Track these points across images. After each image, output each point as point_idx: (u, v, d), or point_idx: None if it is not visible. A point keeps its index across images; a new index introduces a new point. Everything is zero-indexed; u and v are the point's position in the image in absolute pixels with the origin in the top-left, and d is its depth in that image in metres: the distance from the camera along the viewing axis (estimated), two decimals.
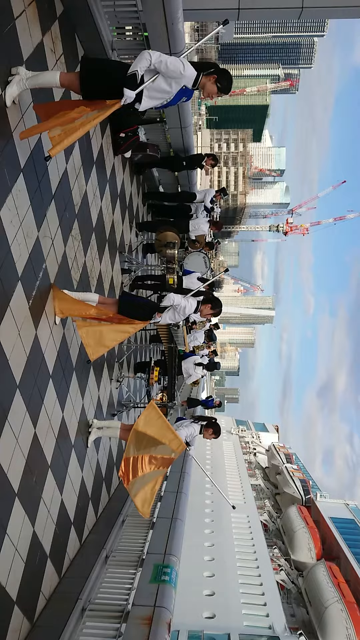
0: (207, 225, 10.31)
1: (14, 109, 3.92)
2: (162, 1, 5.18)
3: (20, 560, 4.07)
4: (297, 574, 20.01)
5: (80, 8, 5.23)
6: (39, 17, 4.44)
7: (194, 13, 8.13)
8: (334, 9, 8.25)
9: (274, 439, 38.48)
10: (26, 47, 4.19)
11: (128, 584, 5.16)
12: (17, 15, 3.99)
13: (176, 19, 5.49)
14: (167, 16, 5.41)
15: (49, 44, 4.70)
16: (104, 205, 7.04)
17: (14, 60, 3.95)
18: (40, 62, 4.50)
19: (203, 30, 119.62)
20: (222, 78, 4.33)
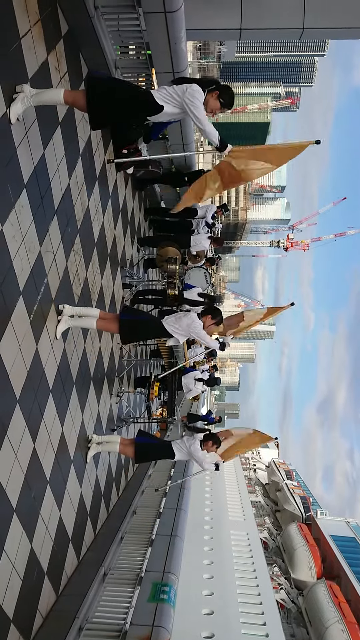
0: (208, 241, 10.35)
1: (19, 126, 3.97)
2: (165, 21, 5.27)
3: (17, 578, 4.02)
4: (297, 593, 19.75)
5: (85, 27, 5.32)
6: (44, 36, 4.52)
7: (197, 33, 8.25)
8: (333, 30, 8.38)
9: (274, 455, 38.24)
10: (31, 65, 4.25)
11: (126, 602, 5.10)
12: (22, 35, 4.06)
13: (179, 39, 5.58)
14: (170, 36, 5.50)
15: (53, 62, 4.77)
16: (105, 220, 7.08)
17: (19, 78, 4.01)
18: (45, 80, 4.56)
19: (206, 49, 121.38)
20: (224, 94, 4.46)
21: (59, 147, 5.00)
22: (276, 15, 8.29)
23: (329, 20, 8.29)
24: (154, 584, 5.39)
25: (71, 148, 5.39)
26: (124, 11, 5.70)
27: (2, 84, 3.67)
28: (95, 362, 6.66)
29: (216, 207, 10.73)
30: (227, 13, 8.11)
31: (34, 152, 4.35)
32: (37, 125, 4.37)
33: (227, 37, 9.00)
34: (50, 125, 4.78)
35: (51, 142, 4.76)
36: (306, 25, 8.21)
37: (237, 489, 25.75)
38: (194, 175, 10.13)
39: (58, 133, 4.95)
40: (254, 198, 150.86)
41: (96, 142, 6.40)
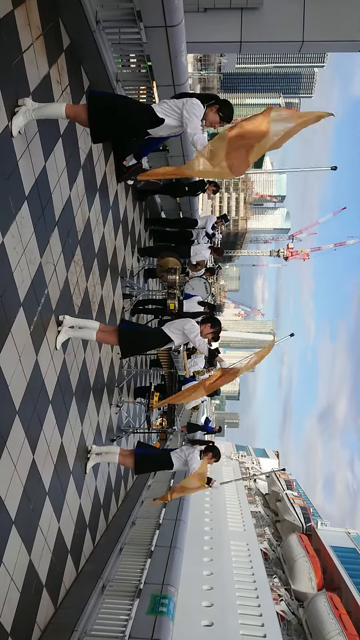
0: (209, 251, 10.40)
1: (20, 139, 4.00)
2: (166, 35, 5.34)
3: (15, 590, 4.00)
4: (297, 605, 19.56)
5: (87, 41, 5.38)
6: (46, 50, 4.57)
7: (198, 46, 8.37)
8: (332, 43, 8.49)
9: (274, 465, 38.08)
10: (33, 79, 4.29)
11: (125, 614, 5.07)
12: (25, 49, 4.10)
13: (180, 53, 5.64)
14: (171, 50, 5.57)
15: (55, 75, 4.82)
16: (106, 231, 7.11)
17: (21, 91, 4.05)
18: (47, 93, 4.61)
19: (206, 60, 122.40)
20: (223, 108, 4.53)
21: (60, 159, 5.04)
22: (276, 28, 8.40)
23: (328, 33, 8.40)
24: (153, 596, 5.36)
25: (72, 160, 5.43)
26: (125, 25, 5.77)
27: (4, 98, 3.71)
28: (95, 373, 6.67)
29: (216, 217, 10.80)
30: (228, 26, 8.22)
31: (36, 164, 4.38)
32: (39, 138, 4.41)
33: (228, 50, 9.12)
34: (52, 138, 4.82)
35: (52, 154, 4.80)
36: (305, 38, 8.32)
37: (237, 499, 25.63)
38: (195, 185, 10.21)
39: (59, 145, 4.99)
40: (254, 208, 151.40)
41: (97, 154, 6.45)
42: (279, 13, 8.27)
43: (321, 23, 8.25)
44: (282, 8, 8.25)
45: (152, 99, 7.22)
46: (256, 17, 8.23)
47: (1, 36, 3.70)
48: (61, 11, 4.90)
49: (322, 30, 8.34)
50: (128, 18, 5.60)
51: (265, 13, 8.25)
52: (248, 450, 41.55)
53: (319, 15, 8.19)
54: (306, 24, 8.24)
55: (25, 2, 4.09)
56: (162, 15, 5.03)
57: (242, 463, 37.00)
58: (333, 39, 8.37)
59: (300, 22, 8.24)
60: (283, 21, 8.29)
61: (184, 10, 5.16)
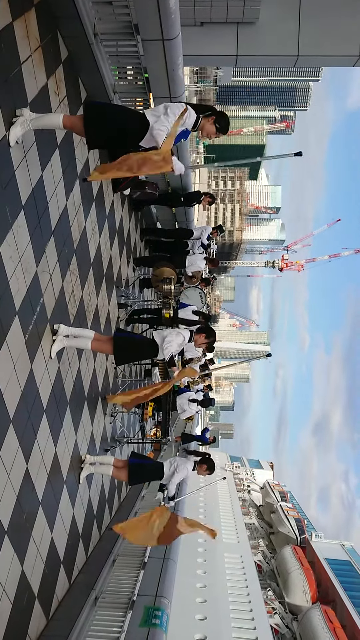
0: (204, 262, 10.43)
1: (18, 149, 4.03)
2: (163, 49, 5.39)
3: (7, 601, 3.97)
4: (291, 618, 19.39)
5: (84, 53, 5.44)
6: (44, 61, 4.61)
7: (194, 59, 8.47)
8: (327, 58, 8.61)
9: (268, 476, 37.92)
10: (31, 89, 4.33)
11: (117, 627, 5.01)
12: (23, 60, 4.15)
13: (176, 65, 5.70)
14: (168, 62, 5.62)
15: (53, 86, 4.86)
16: (102, 240, 7.14)
17: (19, 102, 4.08)
18: (44, 104, 4.65)
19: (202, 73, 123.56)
20: (220, 119, 4.55)
21: (57, 169, 5.07)
22: (271, 42, 8.52)
23: (323, 48, 8.52)
24: (146, 608, 5.31)
25: (69, 170, 5.46)
26: (122, 38, 5.83)
27: (2, 108, 3.74)
28: (89, 382, 6.66)
29: (212, 228, 10.85)
30: (224, 40, 8.33)
31: (32, 174, 4.41)
32: (36, 148, 4.44)
33: (224, 63, 9.23)
34: (49, 148, 4.86)
35: (49, 164, 4.83)
36: (301, 52, 8.44)
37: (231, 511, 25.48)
38: (190, 196, 10.27)
39: (56, 155, 5.03)
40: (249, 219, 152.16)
41: (94, 164, 6.49)
42: (275, 28, 8.40)
43: (316, 38, 8.38)
44: (277, 23, 8.39)
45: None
46: (252, 31, 8.36)
47: (0, 47, 3.74)
48: (59, 23, 4.95)
49: (317, 45, 8.47)
50: (125, 31, 5.66)
51: (261, 27, 8.38)
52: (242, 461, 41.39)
53: (314, 30, 8.32)
54: (301, 39, 8.36)
55: (24, 14, 4.14)
56: (159, 28, 5.09)
57: (237, 474, 36.83)
58: (328, 53, 8.50)
59: (296, 37, 8.36)
60: (278, 36, 8.42)
61: (181, 24, 5.22)
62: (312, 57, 8.65)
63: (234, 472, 36.76)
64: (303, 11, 8.27)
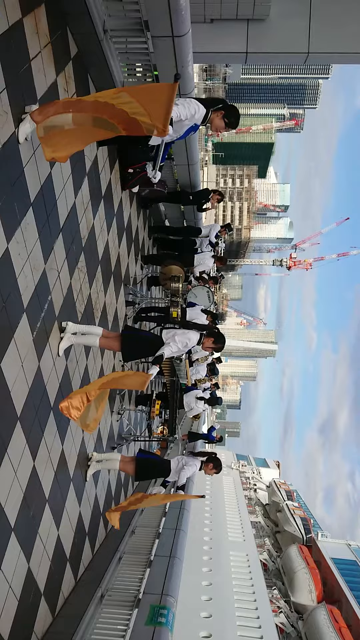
0: (212, 260, 10.40)
1: (26, 146, 4.02)
2: (173, 45, 5.36)
3: (13, 598, 3.97)
4: (297, 617, 19.36)
5: (94, 50, 5.42)
6: (53, 58, 4.60)
7: (204, 56, 8.42)
8: (337, 55, 8.53)
9: (275, 475, 37.84)
10: (40, 86, 4.32)
11: (123, 625, 5.01)
12: (33, 57, 4.13)
13: (186, 63, 5.67)
14: (178, 59, 5.59)
15: (62, 83, 4.85)
16: (110, 238, 7.13)
17: (28, 99, 4.07)
18: (53, 100, 4.63)
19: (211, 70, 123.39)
20: (229, 114, 4.50)
21: (66, 166, 5.06)
22: (281, 40, 8.45)
23: (333, 45, 8.45)
24: (152, 607, 5.31)
25: (78, 167, 5.45)
26: (132, 35, 5.80)
27: (11, 105, 3.73)
28: None
29: (220, 226, 10.81)
30: (234, 37, 8.28)
31: (41, 171, 4.40)
32: None
33: (233, 60, 9.17)
34: None
35: None
36: (311, 50, 8.36)
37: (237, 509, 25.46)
38: (199, 194, 10.23)
39: None
40: (258, 217, 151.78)
41: (102, 162, 6.48)
42: (285, 25, 8.33)
43: (326, 35, 8.30)
44: (287, 20, 8.31)
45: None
46: (262, 28, 8.29)
47: (10, 43, 3.73)
48: (69, 20, 4.94)
49: (327, 42, 8.40)
50: (135, 28, 5.63)
51: (271, 25, 8.31)
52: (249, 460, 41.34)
53: (324, 28, 8.25)
54: (312, 36, 8.29)
55: (34, 10, 4.13)
56: (169, 25, 5.06)
57: (243, 473, 36.80)
58: (338, 50, 8.42)
59: (306, 34, 8.29)
60: (289, 33, 8.35)
61: (190, 20, 5.19)
62: (323, 55, 8.57)
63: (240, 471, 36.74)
64: (314, 8, 8.19)
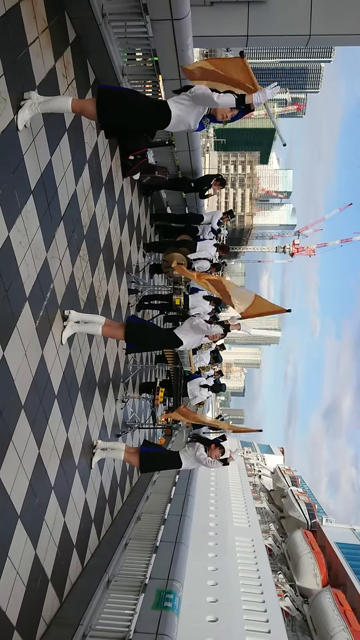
0: (214, 247, 10.35)
1: (26, 133, 3.99)
2: (172, 29, 5.30)
3: (21, 584, 4.01)
4: (302, 601, 19.58)
5: (93, 34, 5.35)
6: (52, 43, 4.54)
7: (204, 40, 8.29)
8: (340, 37, 8.40)
9: (279, 461, 38.06)
10: (39, 72, 4.27)
11: (130, 609, 5.07)
12: (30, 42, 4.08)
13: (186, 46, 5.60)
14: (177, 43, 5.53)
15: (61, 69, 4.80)
16: (112, 226, 7.10)
17: (27, 85, 4.03)
18: (52, 87, 4.59)
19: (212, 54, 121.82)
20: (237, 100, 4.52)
21: (66, 153, 5.02)
22: (283, 22, 8.32)
23: (336, 27, 8.31)
24: (158, 592, 5.37)
25: (78, 154, 5.41)
26: (131, 19, 5.73)
27: (10, 91, 3.69)
28: (100, 368, 6.66)
29: (222, 213, 10.75)
30: (234, 20, 8.14)
31: (41, 158, 4.37)
32: (45, 132, 4.40)
33: (234, 44, 9.04)
34: (58, 132, 4.81)
35: (58, 148, 4.78)
36: (313, 32, 8.23)
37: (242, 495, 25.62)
38: (201, 181, 10.16)
39: (65, 139, 4.98)
40: (260, 204, 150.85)
41: (103, 148, 6.43)
42: (286, 6, 8.18)
43: (329, 16, 8.16)
44: (289, 1, 8.17)
45: (158, 92, 7.18)
46: (263, 10, 8.15)
47: (7, 29, 3.68)
48: (67, 4, 4.87)
49: (330, 24, 8.26)
50: (134, 11, 5.56)
51: (272, 6, 8.17)
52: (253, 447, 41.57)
53: (326, 9, 8.11)
54: (313, 18, 8.15)
55: None
56: (168, 7, 4.99)
57: (247, 459, 37.01)
58: (341, 32, 8.29)
59: (308, 16, 8.15)
60: (290, 15, 8.21)
61: (190, 3, 5.12)
62: (325, 37, 8.43)
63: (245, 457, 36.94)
64: None
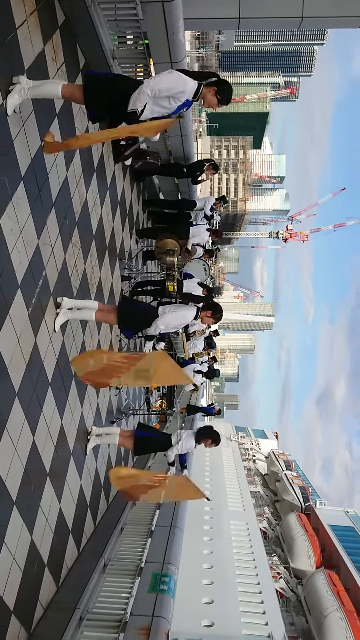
0: (207, 233, 10.33)
1: (15, 118, 3.94)
2: (162, 11, 5.22)
3: (17, 569, 4.05)
4: (296, 582, 19.87)
5: (82, 17, 5.27)
6: (40, 26, 4.47)
7: (195, 22, 8.19)
8: (332, 19, 8.31)
9: (273, 446, 38.33)
10: (27, 56, 4.21)
11: (126, 593, 5.13)
12: (18, 25, 4.02)
13: (177, 29, 5.53)
14: (168, 26, 5.45)
15: (50, 53, 4.73)
16: (104, 212, 7.06)
17: (16, 69, 3.98)
18: (42, 71, 4.52)
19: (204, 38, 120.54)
20: (222, 90, 4.38)
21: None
22: (275, 3, 8.22)
23: (328, 8, 8.22)
24: (154, 575, 5.42)
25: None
26: (120, 0, 5.64)
27: None
28: None
29: (215, 199, 10.70)
30: (226, 2, 8.03)
31: (31, 144, 4.32)
32: (34, 117, 4.35)
33: (226, 26, 8.93)
34: (48, 117, 4.76)
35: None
36: (305, 14, 8.14)
37: (237, 480, 25.87)
38: (193, 166, 10.10)
39: (55, 125, 4.93)
40: (253, 189, 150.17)
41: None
42: None
43: None
44: None
45: (149, 77, 7.09)
46: None
47: None
48: None
49: (322, 6, 8.17)
50: None
51: None
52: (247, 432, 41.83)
53: None
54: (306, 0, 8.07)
55: None
56: None
57: (242, 444, 37.27)
58: (333, 14, 8.20)
59: None
60: None
61: None
62: (317, 19, 8.34)
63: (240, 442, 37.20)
64: None
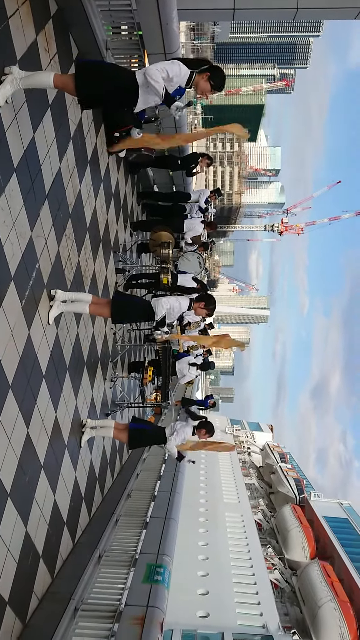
0: (202, 225, 10.31)
1: (7, 109, 3.91)
2: (156, 1, 5.18)
3: (12, 561, 4.06)
4: (290, 573, 20.05)
5: (75, 7, 5.23)
6: (32, 16, 4.43)
7: (189, 13, 8.13)
8: (328, 10, 8.27)
9: (268, 438, 38.52)
10: (20, 46, 4.17)
11: (121, 584, 5.16)
12: (10, 15, 3.98)
13: (171, 19, 5.49)
14: (162, 16, 5.42)
15: (42, 43, 4.69)
16: (98, 204, 7.03)
17: (8, 59, 3.94)
18: (34, 61, 4.49)
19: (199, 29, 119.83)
20: (214, 75, 4.34)
21: (49, 130, 4.94)
22: None
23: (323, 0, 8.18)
24: (149, 566, 5.46)
25: (62, 131, 5.32)
26: None
27: None
28: (88, 347, 6.66)
29: (210, 191, 10.67)
30: None
31: (24, 135, 4.30)
32: (27, 108, 4.32)
33: (220, 17, 8.87)
34: (40, 108, 4.72)
35: (41, 125, 4.70)
36: (300, 5, 8.09)
37: (232, 472, 26.00)
38: (187, 158, 10.06)
39: (48, 116, 4.89)
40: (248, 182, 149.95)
41: (87, 125, 6.33)
42: None
43: None
44: None
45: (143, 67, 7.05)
46: None
47: None
48: None
49: None
50: None
51: None
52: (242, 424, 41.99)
53: None
54: None
55: None
56: None
57: (237, 437, 37.42)
58: (329, 5, 8.16)
59: None
60: None
61: None
62: (312, 10, 8.29)
63: (235, 435, 37.35)
64: None
